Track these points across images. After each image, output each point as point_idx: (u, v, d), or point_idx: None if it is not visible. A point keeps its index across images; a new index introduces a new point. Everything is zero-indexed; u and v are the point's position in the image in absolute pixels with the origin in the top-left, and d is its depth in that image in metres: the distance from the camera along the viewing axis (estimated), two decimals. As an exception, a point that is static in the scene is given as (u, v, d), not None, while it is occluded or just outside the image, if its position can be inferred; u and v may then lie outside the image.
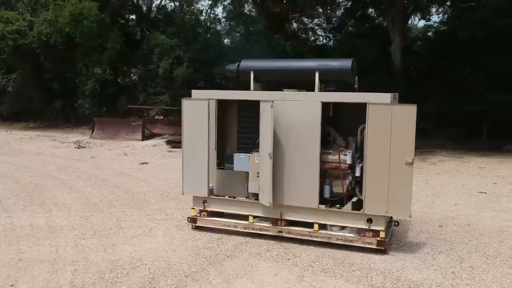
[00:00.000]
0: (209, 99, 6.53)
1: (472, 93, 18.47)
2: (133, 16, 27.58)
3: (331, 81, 6.55)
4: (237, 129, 7.07)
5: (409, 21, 24.03)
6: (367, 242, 5.99)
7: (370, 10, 25.09)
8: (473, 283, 5.10)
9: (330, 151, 6.31)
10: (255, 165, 6.48)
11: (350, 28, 24.89)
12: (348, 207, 6.15)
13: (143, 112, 24.25)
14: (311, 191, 6.17)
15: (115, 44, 22.93)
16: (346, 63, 6.48)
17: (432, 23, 25.34)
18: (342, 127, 6.52)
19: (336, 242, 6.11)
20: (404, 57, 21.20)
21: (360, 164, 6.10)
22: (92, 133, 19.87)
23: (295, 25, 24.04)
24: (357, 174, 6.12)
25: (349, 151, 6.16)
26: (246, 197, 6.90)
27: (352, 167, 6.15)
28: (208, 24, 26.40)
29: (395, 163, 5.75)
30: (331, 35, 25.39)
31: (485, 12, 18.20)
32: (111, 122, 20.55)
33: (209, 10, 28.28)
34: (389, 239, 6.07)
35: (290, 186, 6.25)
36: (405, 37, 22.26)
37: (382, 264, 5.62)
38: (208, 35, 25.61)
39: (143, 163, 12.93)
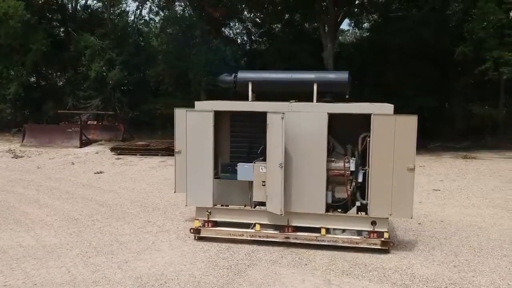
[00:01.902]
0: (214, 110, 6.59)
1: (400, 96, 19.96)
2: (58, 16, 26.09)
3: (327, 92, 6.92)
4: (230, 139, 7.16)
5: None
6: (372, 243, 6.42)
7: (297, 15, 25.90)
8: (477, 275, 5.70)
9: (333, 159, 6.64)
10: (259, 174, 6.64)
11: (277, 33, 25.57)
12: (353, 211, 6.56)
13: (73, 117, 23.07)
14: (318, 198, 6.47)
15: (41, 46, 21.63)
16: (343, 75, 6.88)
17: (346, 29, 27.02)
18: (337, 135, 6.88)
19: (342, 244, 6.48)
20: (336, 62, 22.34)
21: (362, 171, 6.52)
22: (22, 140, 18.55)
23: (230, 29, 24.29)
24: (360, 180, 6.54)
25: (352, 158, 6.54)
26: (245, 206, 7.08)
27: (354, 173, 6.55)
28: (138, 26, 25.78)
29: (397, 169, 6.24)
30: (261, 40, 25.93)
31: (410, 22, 19.83)
32: (44, 128, 19.39)
33: (136, 11, 27.66)
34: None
35: (298, 193, 6.49)
36: (335, 43, 23.42)
37: (391, 262, 6.07)
38: (138, 37, 25.05)
39: (98, 173, 12.44)
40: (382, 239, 6.39)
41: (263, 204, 6.75)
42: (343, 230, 6.75)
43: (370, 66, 21.71)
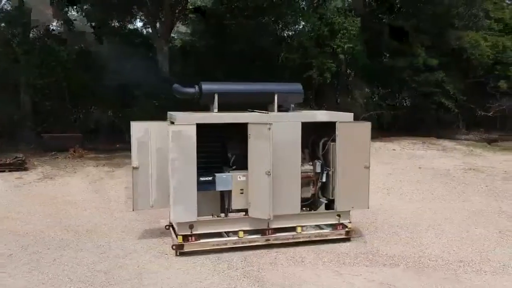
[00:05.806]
0: (197, 123, 6.57)
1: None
2: None
3: (284, 102, 7.56)
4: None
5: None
6: (338, 234, 7.36)
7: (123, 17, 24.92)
8: (428, 248, 7.11)
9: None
10: (238, 183, 6.94)
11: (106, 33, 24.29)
12: (322, 208, 7.41)
13: None
14: (294, 199, 7.10)
15: None
16: (299, 86, 7.64)
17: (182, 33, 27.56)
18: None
19: (314, 239, 7.25)
20: (172, 65, 22.57)
21: (325, 171, 7.39)
22: None
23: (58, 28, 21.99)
24: (324, 180, 7.40)
25: (319, 161, 7.35)
26: (212, 215, 7.25)
27: (320, 174, 7.37)
28: None
29: (357, 167, 7.29)
30: (91, 40, 24.20)
31: (245, 30, 21.47)
32: None
33: None
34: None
35: (277, 197, 6.95)
36: (170, 46, 23.55)
37: (361, 248, 7.09)
38: None
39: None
40: (346, 229, 7.39)
41: (240, 211, 7.09)
42: (307, 227, 7.52)
43: (207, 71, 22.60)
